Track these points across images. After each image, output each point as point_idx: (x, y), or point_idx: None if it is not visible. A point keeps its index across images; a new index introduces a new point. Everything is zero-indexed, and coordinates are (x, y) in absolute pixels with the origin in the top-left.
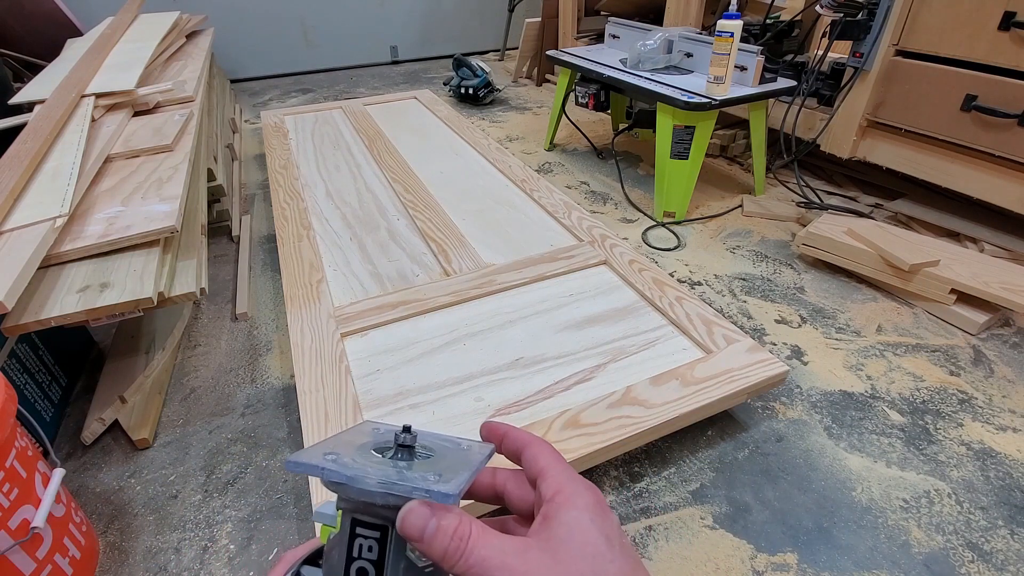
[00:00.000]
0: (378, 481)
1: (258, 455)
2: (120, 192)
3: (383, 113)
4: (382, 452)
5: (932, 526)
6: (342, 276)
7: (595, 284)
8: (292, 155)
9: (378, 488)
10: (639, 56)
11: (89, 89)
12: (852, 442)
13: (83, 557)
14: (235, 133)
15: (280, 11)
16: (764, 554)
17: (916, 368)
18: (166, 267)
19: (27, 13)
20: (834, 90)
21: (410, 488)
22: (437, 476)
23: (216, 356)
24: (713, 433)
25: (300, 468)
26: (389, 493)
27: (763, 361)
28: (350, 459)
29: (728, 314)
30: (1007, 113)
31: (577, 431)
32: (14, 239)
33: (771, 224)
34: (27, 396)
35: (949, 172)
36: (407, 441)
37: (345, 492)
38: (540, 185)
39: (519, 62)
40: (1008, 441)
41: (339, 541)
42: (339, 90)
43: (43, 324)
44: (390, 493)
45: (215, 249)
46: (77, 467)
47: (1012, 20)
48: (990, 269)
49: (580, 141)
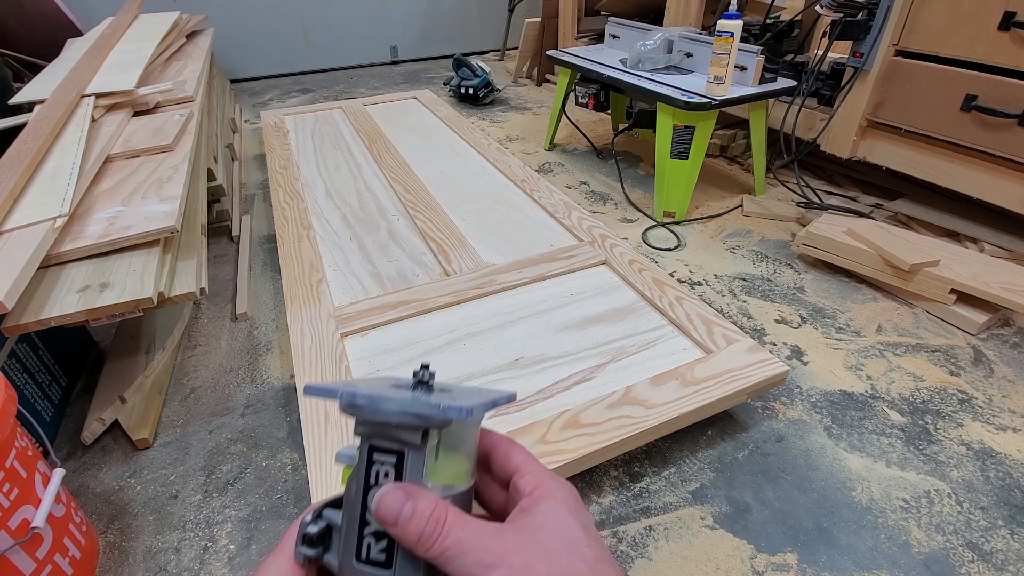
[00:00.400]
0: (396, 400)
1: (258, 455)
2: (120, 192)
3: (383, 113)
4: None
5: (932, 526)
6: (342, 276)
7: (595, 284)
8: (292, 155)
9: (395, 407)
10: (639, 56)
11: (89, 89)
12: (852, 442)
13: (83, 557)
14: (235, 133)
15: (280, 11)
16: (764, 554)
17: (916, 368)
18: (166, 267)
19: (27, 13)
20: (834, 90)
21: (426, 404)
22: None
23: (216, 356)
24: (713, 433)
25: (318, 392)
26: (405, 412)
27: (763, 361)
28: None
29: (728, 314)
30: (1007, 113)
31: (577, 431)
32: (14, 239)
33: (771, 224)
34: (27, 396)
35: (949, 172)
36: (425, 377)
37: (362, 415)
38: (540, 185)
39: (519, 62)
40: (1008, 441)
41: (357, 471)
42: (339, 90)
43: (43, 324)
44: (406, 412)
45: (215, 249)
46: (77, 467)
47: (1012, 20)
48: (990, 269)
49: (580, 141)
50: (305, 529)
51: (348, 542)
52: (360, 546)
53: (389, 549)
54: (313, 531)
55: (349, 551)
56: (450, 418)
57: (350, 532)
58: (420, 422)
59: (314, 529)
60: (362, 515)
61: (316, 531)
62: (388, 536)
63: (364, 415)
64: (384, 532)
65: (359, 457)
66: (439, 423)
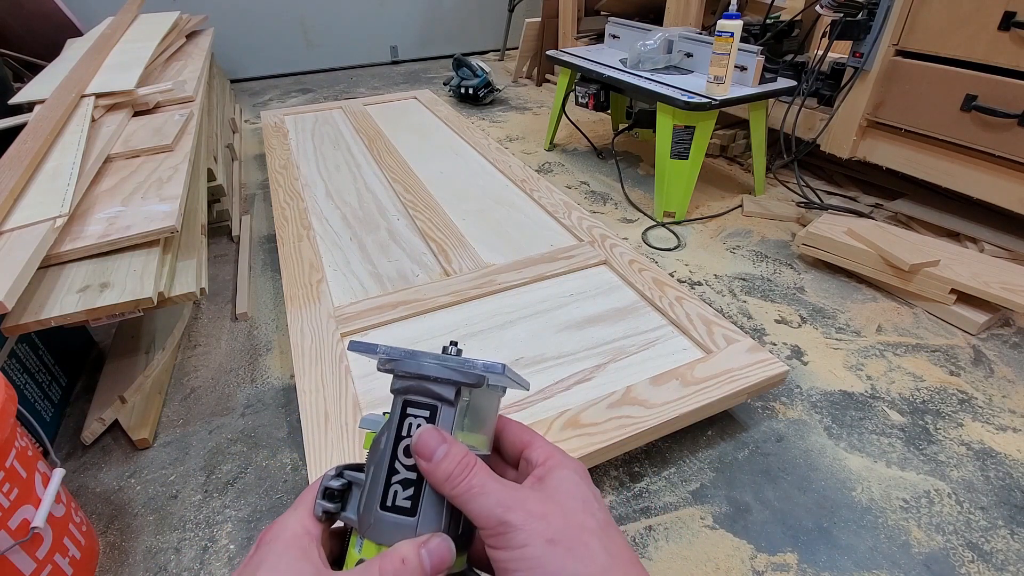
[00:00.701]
0: (433, 356)
1: (258, 455)
2: (120, 192)
3: (383, 113)
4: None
5: (932, 526)
6: (342, 276)
7: (595, 284)
8: (292, 155)
9: (433, 361)
10: (639, 56)
11: (89, 89)
12: (852, 442)
13: (83, 557)
14: (235, 133)
15: (280, 11)
16: (764, 554)
17: (916, 368)
18: (166, 267)
19: (27, 13)
20: (834, 90)
21: (463, 360)
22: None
23: (216, 356)
24: (713, 433)
25: (361, 347)
26: (443, 365)
27: (763, 361)
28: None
29: (728, 314)
30: (1007, 113)
31: (577, 431)
32: (14, 239)
33: (771, 224)
34: (27, 396)
35: (949, 172)
36: (453, 352)
37: (401, 368)
38: (540, 185)
39: (519, 62)
40: (1008, 441)
41: (389, 425)
42: (339, 90)
43: (43, 324)
44: (444, 365)
45: (215, 249)
46: (77, 467)
47: (1012, 20)
48: (990, 269)
49: (580, 141)
50: (327, 482)
51: (373, 490)
52: (387, 494)
53: (415, 497)
54: (335, 485)
55: (373, 499)
56: (483, 375)
57: (376, 480)
58: (458, 376)
59: (336, 484)
60: (391, 464)
61: (338, 485)
62: (414, 485)
63: (404, 368)
64: (411, 481)
65: (393, 410)
66: (474, 381)
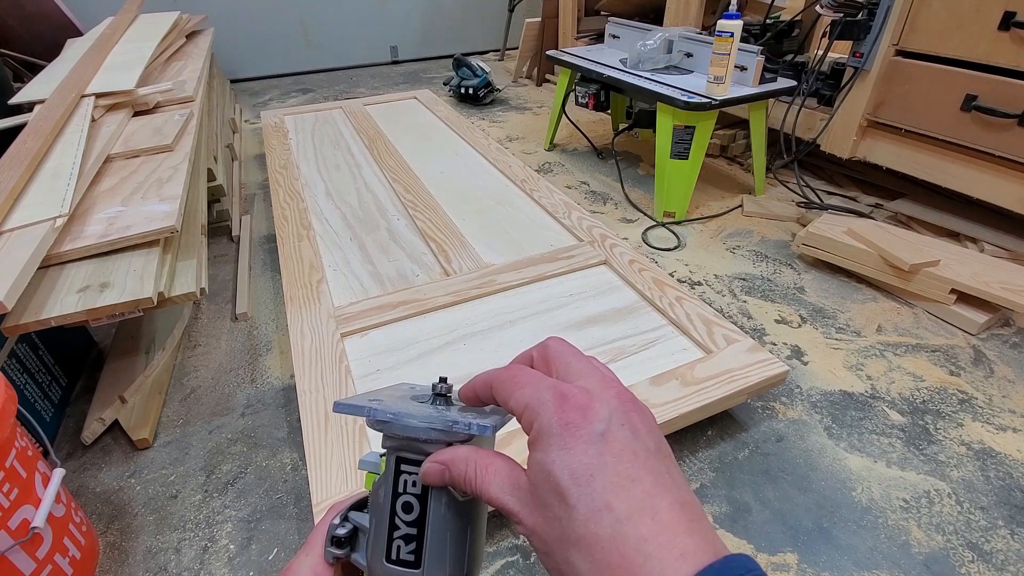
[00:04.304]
0: (422, 416)
1: (258, 455)
2: (120, 192)
3: (383, 113)
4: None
5: (932, 526)
6: (342, 276)
7: (595, 284)
8: (292, 155)
9: (421, 423)
10: (639, 56)
11: (89, 89)
12: (852, 442)
13: (83, 557)
14: (235, 133)
15: (280, 11)
16: (764, 554)
17: (916, 368)
18: (166, 267)
19: (27, 13)
20: (834, 90)
21: (452, 421)
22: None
23: (216, 356)
24: (713, 433)
25: (347, 409)
26: (432, 427)
27: (763, 361)
28: (393, 404)
29: (728, 314)
30: (1007, 113)
31: None
32: (14, 239)
33: (771, 224)
34: (27, 396)
35: (949, 172)
36: (443, 390)
37: (390, 430)
38: (540, 185)
39: (519, 62)
40: (1008, 441)
41: (385, 480)
42: (339, 90)
43: (43, 324)
44: (432, 427)
45: (215, 249)
46: (77, 467)
47: (1012, 20)
48: (990, 269)
49: (580, 141)
50: (334, 531)
51: (377, 544)
52: (390, 548)
53: (417, 551)
54: (341, 533)
55: (379, 552)
56: (473, 434)
57: (379, 534)
58: (445, 437)
59: (342, 531)
60: (391, 520)
61: (344, 533)
62: (416, 539)
63: (392, 431)
64: (412, 536)
65: (386, 468)
66: (462, 439)
